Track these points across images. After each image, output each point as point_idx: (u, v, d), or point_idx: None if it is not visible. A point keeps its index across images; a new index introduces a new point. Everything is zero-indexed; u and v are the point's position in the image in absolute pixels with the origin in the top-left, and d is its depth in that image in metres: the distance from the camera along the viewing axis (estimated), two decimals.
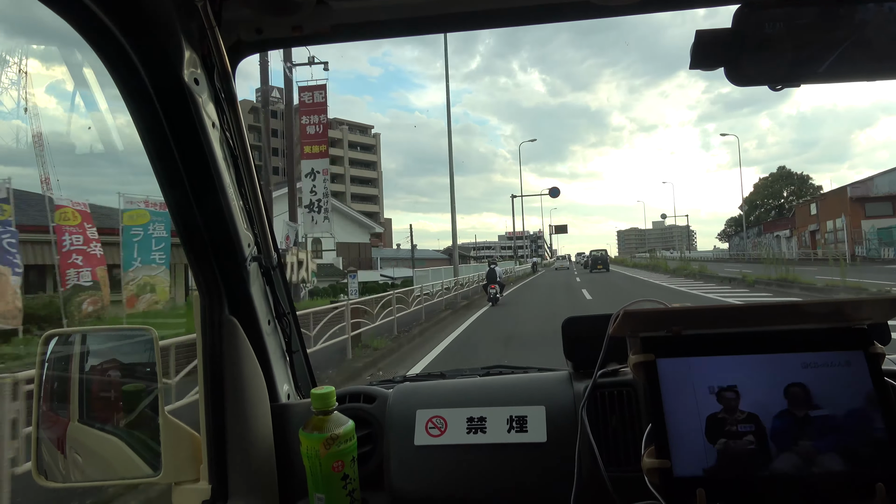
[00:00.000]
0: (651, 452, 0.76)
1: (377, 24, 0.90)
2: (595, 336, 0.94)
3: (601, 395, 0.94)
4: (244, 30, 0.90)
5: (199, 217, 0.89)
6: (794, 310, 0.85)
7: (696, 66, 0.73)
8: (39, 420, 0.95)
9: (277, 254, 1.08)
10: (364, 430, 1.01)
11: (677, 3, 0.84)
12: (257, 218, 1.01)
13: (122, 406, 1.00)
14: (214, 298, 0.95)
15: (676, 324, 0.81)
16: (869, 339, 0.80)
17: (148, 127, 0.82)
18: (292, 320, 1.15)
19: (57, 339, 0.99)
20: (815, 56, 0.71)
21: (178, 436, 0.95)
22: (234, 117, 0.92)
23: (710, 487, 0.73)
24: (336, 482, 0.87)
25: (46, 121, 27.28)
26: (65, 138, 36.02)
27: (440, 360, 8.09)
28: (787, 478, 0.74)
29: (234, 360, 0.95)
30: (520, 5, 0.86)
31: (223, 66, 0.86)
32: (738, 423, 0.77)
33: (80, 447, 0.97)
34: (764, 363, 0.80)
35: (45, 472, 0.94)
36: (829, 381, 0.78)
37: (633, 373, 0.82)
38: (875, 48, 0.70)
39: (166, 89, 0.79)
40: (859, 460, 0.74)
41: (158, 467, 0.93)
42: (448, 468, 0.94)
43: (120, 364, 1.01)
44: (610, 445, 0.90)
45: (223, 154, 0.90)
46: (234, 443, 0.94)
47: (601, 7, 0.84)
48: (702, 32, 0.72)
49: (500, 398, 1.00)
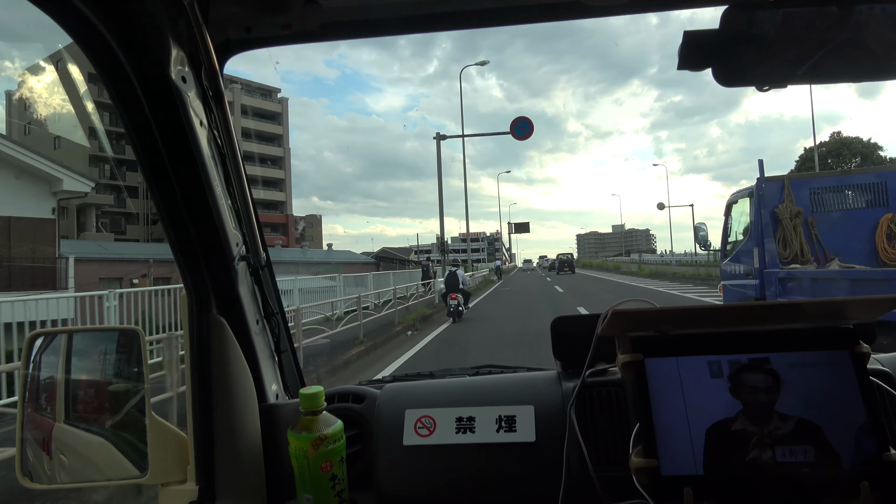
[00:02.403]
0: (639, 452, 0.77)
1: (367, 22, 0.90)
2: (584, 336, 0.94)
3: (590, 394, 0.94)
4: (233, 28, 0.89)
5: (187, 216, 0.89)
6: (781, 310, 0.86)
7: (684, 66, 0.73)
8: (24, 421, 0.94)
9: (266, 253, 1.07)
10: (353, 430, 1.00)
11: (665, 3, 0.85)
12: (245, 217, 1.00)
13: (108, 406, 0.99)
14: (202, 298, 0.94)
15: (665, 323, 0.82)
16: (855, 339, 0.81)
17: (135, 125, 0.81)
18: (281, 320, 1.15)
19: (42, 338, 0.98)
20: (801, 57, 0.71)
21: (165, 436, 0.94)
22: (221, 116, 0.91)
23: (697, 486, 0.74)
24: (324, 483, 0.86)
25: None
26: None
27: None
28: (773, 476, 0.74)
29: (222, 361, 0.95)
30: (510, 5, 0.86)
31: (211, 64, 0.85)
32: (726, 421, 0.77)
33: (65, 448, 0.96)
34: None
35: (29, 473, 0.93)
36: (815, 380, 0.78)
37: (622, 372, 0.83)
38: (861, 49, 0.70)
39: (153, 87, 0.79)
40: (844, 459, 0.75)
41: (145, 468, 0.93)
42: (437, 468, 0.94)
43: (106, 364, 1.00)
44: (598, 445, 0.90)
45: (211, 153, 0.89)
46: (221, 443, 0.94)
47: (591, 7, 0.84)
48: (689, 33, 0.72)
49: (489, 398, 1.00)
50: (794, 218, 6.95)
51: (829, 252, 6.95)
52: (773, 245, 6.96)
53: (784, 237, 6.95)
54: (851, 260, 6.72)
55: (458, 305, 13.15)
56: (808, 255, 6.91)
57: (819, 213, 7.15)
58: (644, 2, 0.84)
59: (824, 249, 6.97)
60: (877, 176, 7.19)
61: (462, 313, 13.37)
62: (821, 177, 7.70)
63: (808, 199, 7.14)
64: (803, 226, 7.00)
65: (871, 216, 6.91)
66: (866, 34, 0.70)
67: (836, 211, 7.20)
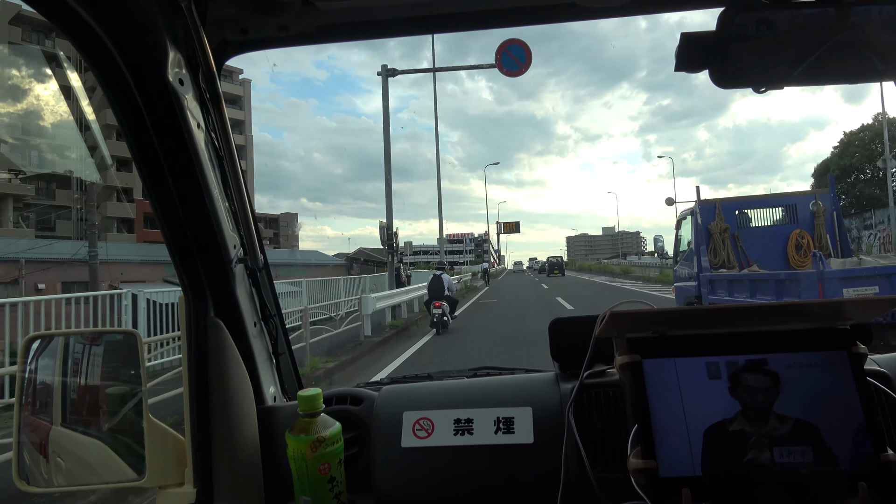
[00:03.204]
0: (637, 453, 0.77)
1: (363, 24, 0.90)
2: (581, 337, 0.94)
3: (588, 395, 0.94)
4: (229, 30, 0.89)
5: (185, 218, 0.89)
6: (778, 311, 0.86)
7: (681, 68, 0.73)
8: (21, 424, 0.93)
9: (264, 255, 1.07)
10: (351, 432, 1.00)
11: (662, 5, 0.85)
12: (243, 219, 1.00)
13: (105, 409, 0.98)
14: (200, 300, 0.94)
15: (662, 325, 0.82)
16: (852, 339, 0.81)
17: (132, 127, 0.81)
18: (279, 322, 1.15)
19: (39, 341, 0.98)
20: (798, 59, 0.71)
21: (163, 439, 0.94)
22: (219, 118, 0.91)
23: (695, 487, 0.74)
24: (323, 485, 0.86)
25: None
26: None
27: None
28: (770, 477, 0.75)
29: (219, 363, 0.95)
30: (507, 7, 0.86)
31: (208, 66, 0.85)
32: (724, 422, 0.77)
33: (62, 451, 0.96)
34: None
35: (26, 476, 0.93)
36: (812, 381, 0.78)
37: (620, 374, 0.83)
38: (856, 51, 0.71)
39: (151, 90, 0.79)
40: (842, 459, 0.75)
41: (143, 471, 0.92)
42: (435, 470, 0.94)
43: (103, 367, 1.00)
44: (596, 446, 0.90)
45: (208, 155, 0.89)
46: (219, 446, 0.94)
47: (588, 9, 0.84)
48: (687, 35, 0.72)
49: (487, 399, 1.00)
50: (722, 233, 8.64)
51: (751, 259, 8.43)
52: (706, 254, 8.69)
53: (715, 248, 8.66)
54: (768, 266, 8.07)
55: (442, 315, 11.35)
56: (734, 262, 8.50)
57: (743, 229, 8.86)
58: (641, 4, 0.84)
59: (747, 258, 8.50)
60: (788, 199, 8.98)
61: (448, 324, 11.59)
62: (745, 200, 9.36)
63: (735, 218, 8.85)
64: (730, 239, 8.65)
65: (784, 231, 8.63)
66: (863, 35, 0.70)
67: (756, 227, 9.00)
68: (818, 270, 6.27)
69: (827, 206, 8.57)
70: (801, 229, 8.50)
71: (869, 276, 6.48)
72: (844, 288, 6.26)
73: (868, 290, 6.27)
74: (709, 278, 8.56)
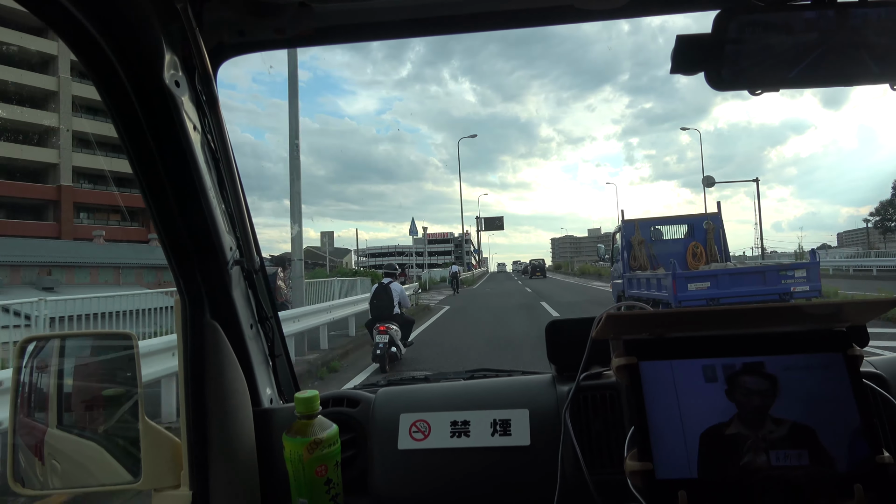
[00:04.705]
0: (634, 455, 0.77)
1: (360, 27, 0.90)
2: (578, 339, 0.94)
3: (584, 398, 0.94)
4: (226, 32, 0.89)
5: (181, 220, 0.88)
6: (775, 313, 0.86)
7: (677, 70, 0.74)
8: (16, 426, 0.93)
9: (260, 257, 1.07)
10: (347, 434, 1.00)
11: (657, 8, 0.85)
12: (239, 221, 1.00)
13: (101, 411, 0.98)
14: (196, 302, 0.94)
15: (659, 327, 0.82)
16: (848, 342, 0.81)
17: (128, 130, 0.81)
18: (275, 324, 1.14)
19: (35, 343, 0.97)
20: (794, 61, 0.71)
21: (159, 441, 0.94)
22: (215, 120, 0.91)
23: (691, 490, 0.74)
24: (319, 487, 0.86)
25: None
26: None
27: None
28: (767, 479, 0.75)
29: (215, 365, 0.94)
30: (501, 9, 0.86)
31: (204, 68, 0.85)
32: (721, 425, 0.77)
33: (58, 454, 0.96)
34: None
35: (21, 479, 0.92)
36: (808, 383, 0.79)
37: (616, 376, 0.83)
38: (854, 53, 0.71)
39: (147, 92, 0.79)
40: (838, 462, 0.75)
41: (138, 474, 0.92)
42: (432, 472, 0.94)
43: (99, 369, 0.99)
44: (593, 448, 0.90)
45: (205, 157, 0.89)
46: (215, 448, 0.93)
47: (583, 12, 0.84)
48: (682, 37, 0.72)
49: (483, 402, 1.00)
50: (639, 244, 11.96)
51: (660, 264, 11.39)
52: (627, 259, 11.96)
53: (634, 255, 11.93)
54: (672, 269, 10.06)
55: (389, 344, 7.57)
56: (647, 265, 11.71)
57: (654, 241, 12.13)
58: (636, 6, 0.85)
59: (658, 263, 11.57)
60: (689, 219, 12.43)
61: (398, 355, 7.87)
62: (657, 220, 12.73)
63: (649, 232, 12.12)
64: (645, 248, 11.93)
65: (684, 243, 11.94)
66: (858, 38, 0.70)
67: (665, 239, 12.31)
68: (672, 272, 9.33)
69: (716, 224, 11.81)
70: (697, 241, 11.73)
71: (703, 276, 9.67)
72: (689, 284, 9.37)
73: (701, 285, 9.36)
74: (627, 277, 11.88)
